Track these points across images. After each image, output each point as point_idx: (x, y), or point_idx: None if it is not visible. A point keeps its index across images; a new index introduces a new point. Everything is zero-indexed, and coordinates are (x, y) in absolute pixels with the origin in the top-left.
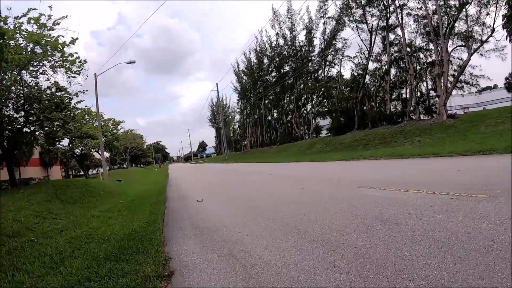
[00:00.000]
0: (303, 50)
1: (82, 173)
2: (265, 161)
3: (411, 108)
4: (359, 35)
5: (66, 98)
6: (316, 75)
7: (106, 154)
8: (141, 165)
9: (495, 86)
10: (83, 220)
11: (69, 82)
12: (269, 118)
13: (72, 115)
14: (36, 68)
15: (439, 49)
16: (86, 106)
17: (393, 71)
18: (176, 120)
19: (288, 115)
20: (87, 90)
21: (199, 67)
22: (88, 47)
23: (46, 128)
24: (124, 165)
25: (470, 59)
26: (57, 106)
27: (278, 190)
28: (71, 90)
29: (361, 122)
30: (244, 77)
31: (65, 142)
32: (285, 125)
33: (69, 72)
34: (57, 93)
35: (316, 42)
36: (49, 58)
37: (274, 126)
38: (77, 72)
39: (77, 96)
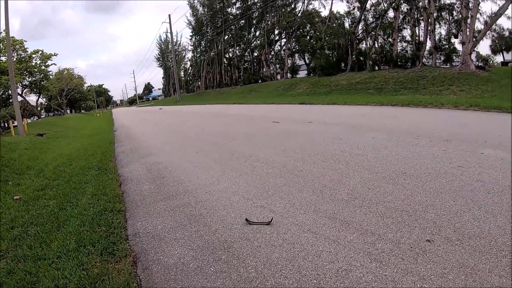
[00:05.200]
0: None
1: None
2: (236, 102)
3: (425, 53)
4: None
5: None
6: (292, 7)
7: (34, 98)
8: (82, 111)
9: None
10: None
11: None
12: (230, 55)
13: None
14: None
15: None
16: None
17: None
18: (118, 61)
19: (254, 52)
20: None
21: (142, 6)
22: None
23: None
24: (62, 111)
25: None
26: None
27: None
28: None
29: (355, 63)
30: (200, 9)
31: None
32: (250, 63)
33: None
34: None
35: None
36: None
37: (237, 64)
38: None
39: None
